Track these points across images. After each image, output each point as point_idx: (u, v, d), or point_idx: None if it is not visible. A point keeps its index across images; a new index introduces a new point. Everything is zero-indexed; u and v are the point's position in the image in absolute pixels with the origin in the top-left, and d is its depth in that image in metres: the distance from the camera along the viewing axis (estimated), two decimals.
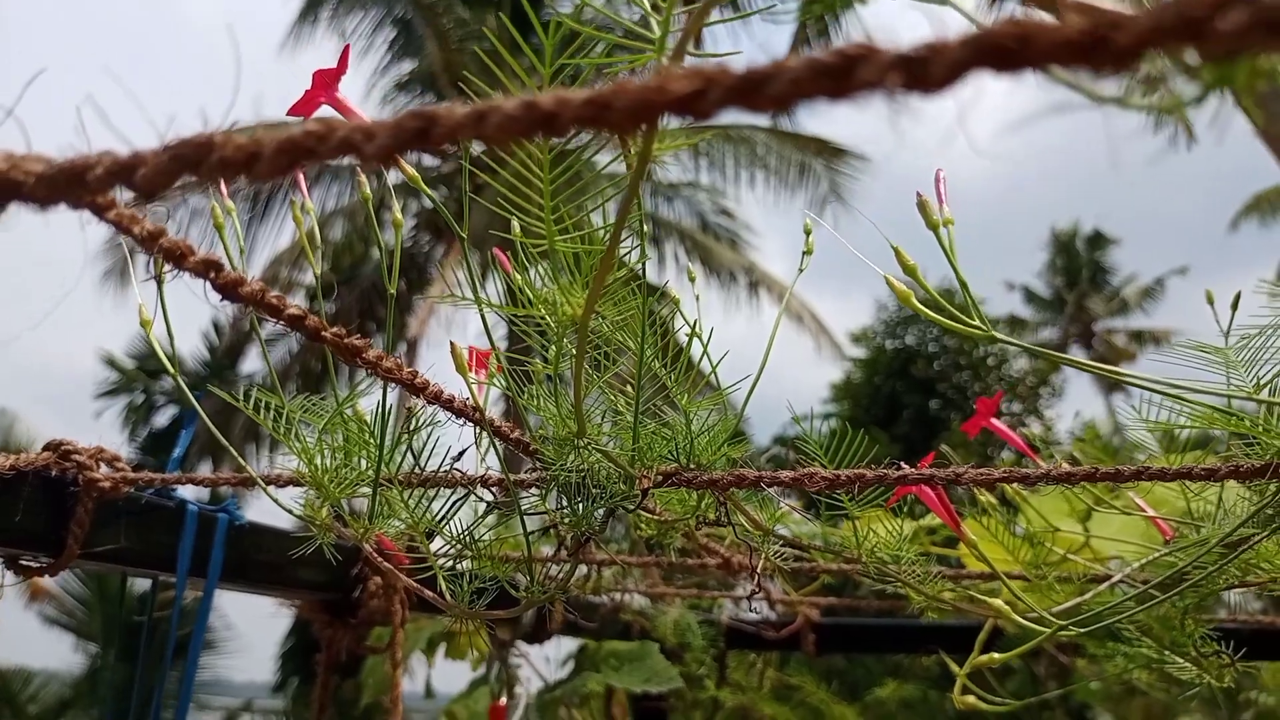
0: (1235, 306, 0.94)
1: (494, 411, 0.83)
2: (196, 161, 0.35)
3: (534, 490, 0.78)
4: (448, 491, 0.83)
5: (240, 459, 0.97)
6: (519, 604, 0.79)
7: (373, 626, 1.39)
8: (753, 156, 16.94)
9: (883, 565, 0.92)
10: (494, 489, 0.81)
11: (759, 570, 0.97)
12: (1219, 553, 0.90)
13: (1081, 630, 0.78)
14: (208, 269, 0.46)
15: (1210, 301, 0.99)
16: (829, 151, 16.78)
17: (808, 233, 0.91)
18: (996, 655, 0.75)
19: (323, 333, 0.54)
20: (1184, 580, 1.05)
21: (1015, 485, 1.24)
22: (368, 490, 0.83)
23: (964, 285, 0.63)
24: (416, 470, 0.82)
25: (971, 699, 1.37)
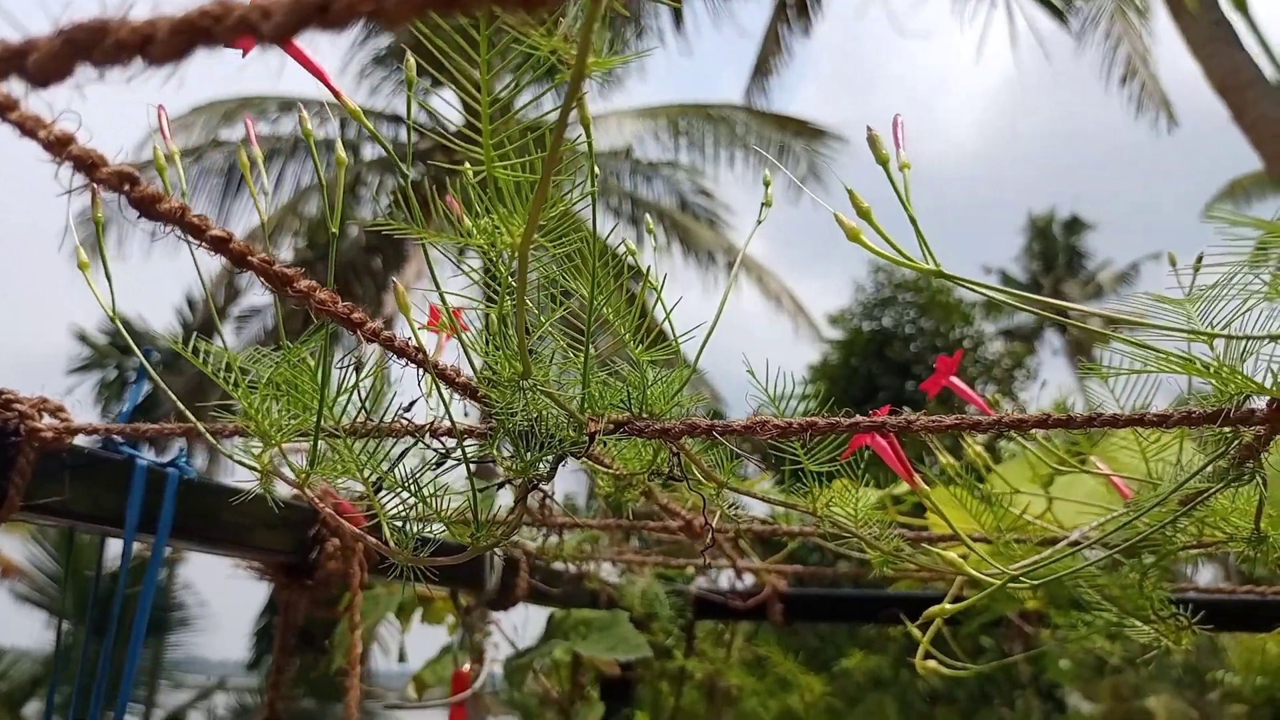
0: (1198, 267, 0.94)
1: (461, 371, 0.82)
2: (91, 45, 0.33)
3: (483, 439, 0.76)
4: (401, 442, 0.82)
5: (186, 411, 0.95)
6: (464, 551, 0.77)
7: (330, 588, 1.37)
8: (732, 136, 16.94)
9: (839, 523, 0.91)
10: (444, 439, 0.79)
11: (714, 525, 0.96)
12: (1174, 510, 0.90)
13: (1035, 584, 0.78)
14: (122, 181, 0.44)
15: (1173, 263, 0.98)
16: (808, 132, 16.78)
17: (767, 184, 0.89)
18: (949, 605, 0.75)
19: (249, 258, 0.52)
20: (1141, 540, 1.04)
21: (979, 449, 1.24)
22: (323, 439, 0.81)
23: (914, 222, 0.61)
24: (363, 418, 0.80)
25: (933, 664, 1.38)
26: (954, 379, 1.02)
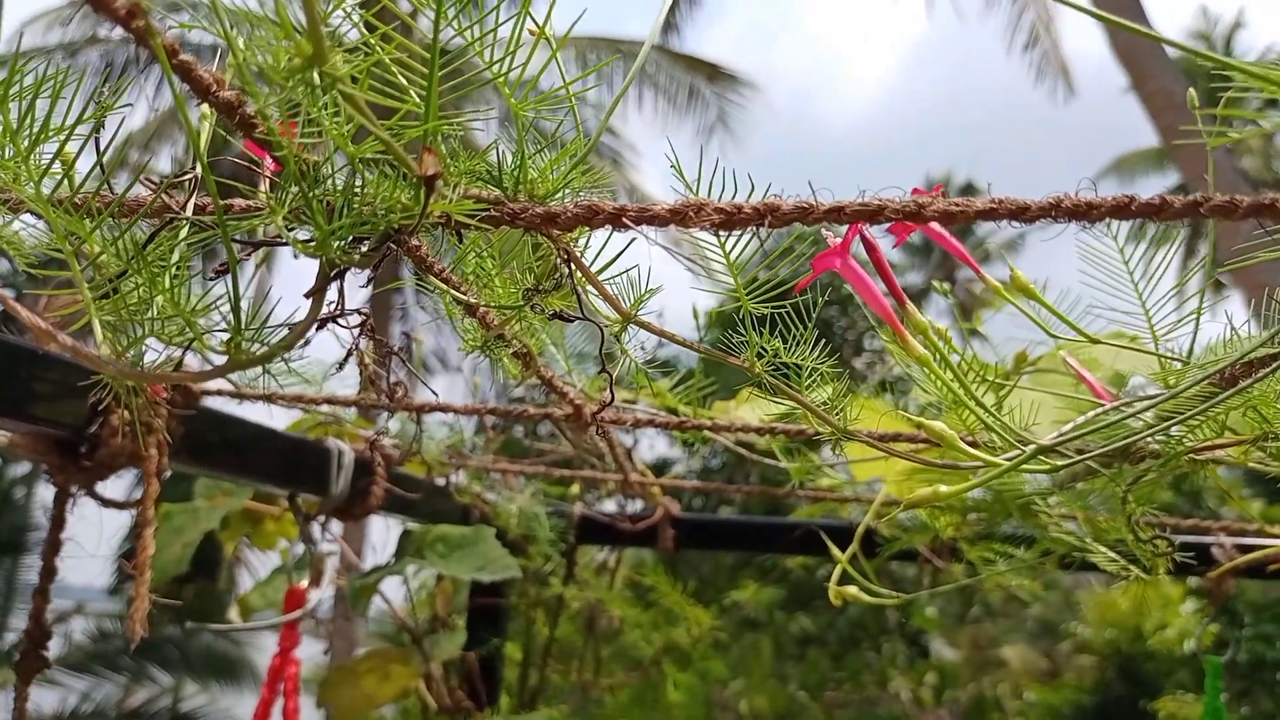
0: None
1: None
2: None
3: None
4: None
5: None
6: (219, 368, 0.50)
7: (114, 470, 1.08)
8: (642, 74, 16.56)
9: (779, 389, 0.67)
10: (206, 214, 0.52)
11: (611, 395, 0.71)
12: (1201, 396, 0.69)
13: (1063, 464, 0.56)
14: None
15: None
16: (720, 77, 16.52)
17: None
18: (943, 489, 0.52)
19: None
20: (1137, 442, 0.84)
21: (940, 328, 1.02)
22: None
23: None
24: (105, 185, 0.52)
25: (854, 590, 1.18)
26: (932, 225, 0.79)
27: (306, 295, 0.46)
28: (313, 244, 0.45)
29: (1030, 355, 1.17)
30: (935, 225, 0.81)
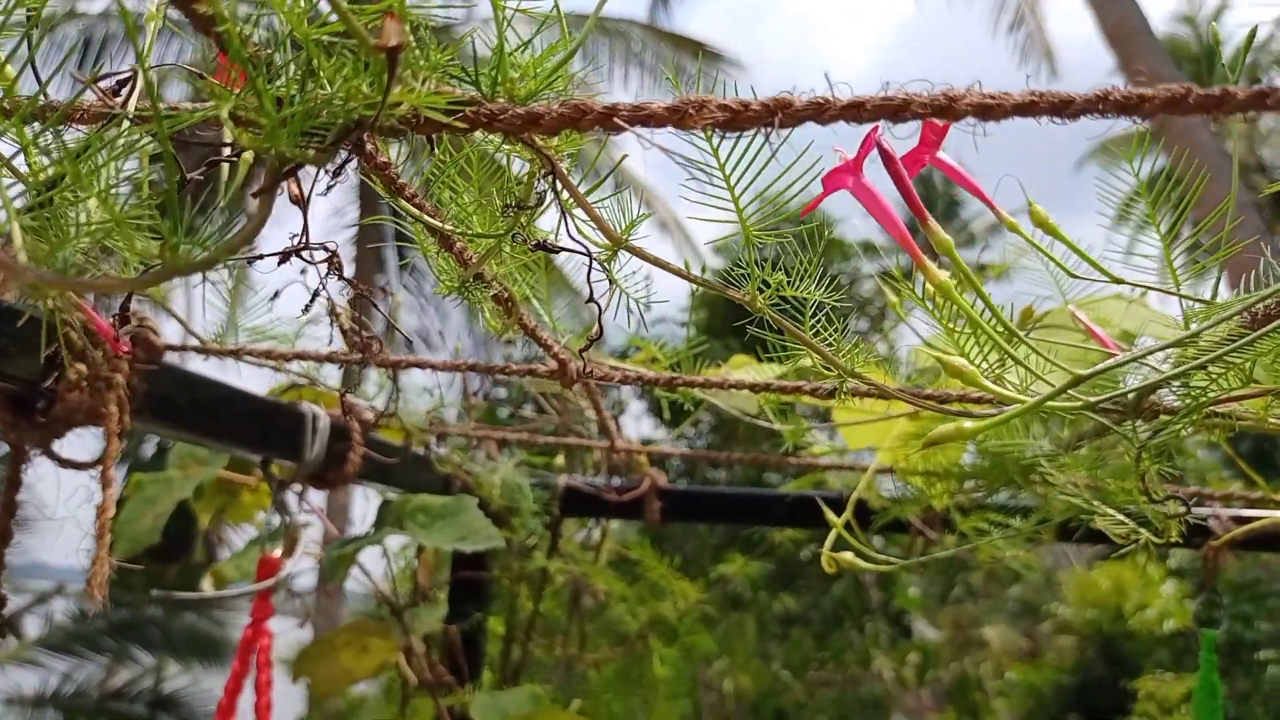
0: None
1: None
2: None
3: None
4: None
5: None
6: (154, 273, 0.45)
7: (71, 427, 1.02)
8: (628, 52, 16.43)
9: (786, 328, 0.62)
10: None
11: (590, 343, 0.66)
12: (1232, 336, 0.64)
13: (1092, 402, 0.51)
14: None
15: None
16: (706, 55, 16.43)
17: None
18: (968, 425, 0.47)
19: None
20: (1152, 391, 0.80)
21: (942, 277, 0.97)
22: None
23: None
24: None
25: (849, 556, 1.13)
26: (943, 157, 0.74)
27: (254, 195, 0.41)
28: (260, 135, 0.39)
29: (1036, 312, 1.12)
30: (948, 159, 0.76)
